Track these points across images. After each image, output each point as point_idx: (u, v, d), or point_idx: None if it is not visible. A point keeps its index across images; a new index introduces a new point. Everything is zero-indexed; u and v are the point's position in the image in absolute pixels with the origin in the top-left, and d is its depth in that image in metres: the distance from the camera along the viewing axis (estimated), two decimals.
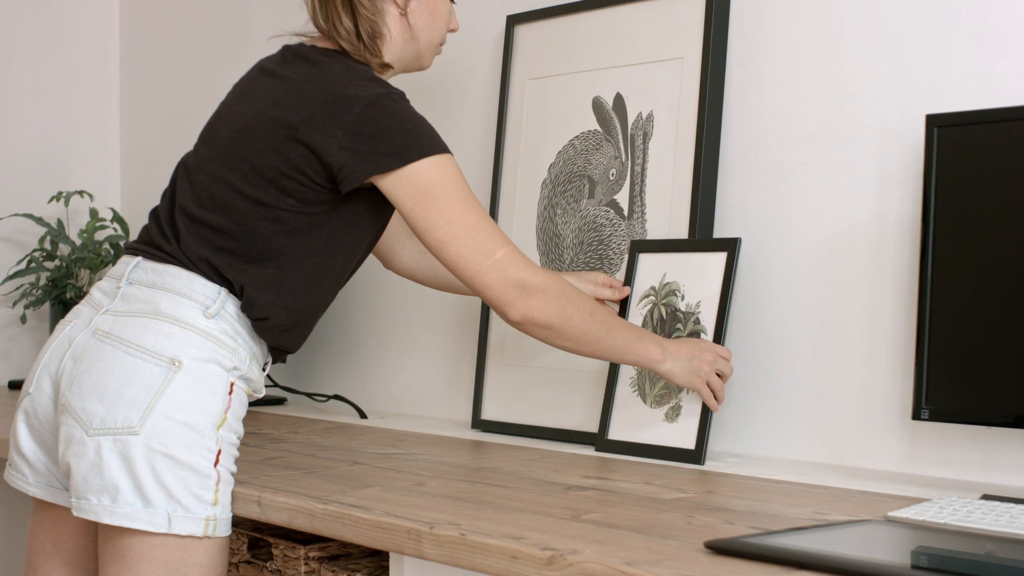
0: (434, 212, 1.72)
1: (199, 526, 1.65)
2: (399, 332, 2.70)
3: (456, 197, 1.73)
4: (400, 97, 1.77)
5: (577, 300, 1.82)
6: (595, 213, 2.25)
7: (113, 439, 1.65)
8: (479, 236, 1.73)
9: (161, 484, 1.64)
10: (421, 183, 1.71)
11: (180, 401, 1.66)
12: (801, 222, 2.03)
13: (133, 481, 1.64)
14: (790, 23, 2.07)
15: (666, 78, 2.17)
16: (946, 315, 1.71)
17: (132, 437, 1.64)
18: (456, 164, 1.77)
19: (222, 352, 1.72)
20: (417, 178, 1.71)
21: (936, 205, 1.72)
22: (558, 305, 1.78)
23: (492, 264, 1.74)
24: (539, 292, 1.76)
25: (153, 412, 1.65)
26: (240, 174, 1.74)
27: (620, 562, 1.25)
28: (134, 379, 1.67)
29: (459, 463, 1.96)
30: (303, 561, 1.89)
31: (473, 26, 2.58)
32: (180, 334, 1.69)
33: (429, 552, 1.43)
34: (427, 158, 1.72)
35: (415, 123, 1.75)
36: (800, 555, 1.24)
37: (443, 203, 1.72)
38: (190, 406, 1.67)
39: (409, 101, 1.79)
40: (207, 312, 1.72)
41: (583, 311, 1.82)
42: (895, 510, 1.51)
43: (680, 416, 1.99)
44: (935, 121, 1.74)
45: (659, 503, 1.60)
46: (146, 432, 1.64)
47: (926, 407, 1.72)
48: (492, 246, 1.74)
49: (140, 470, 1.64)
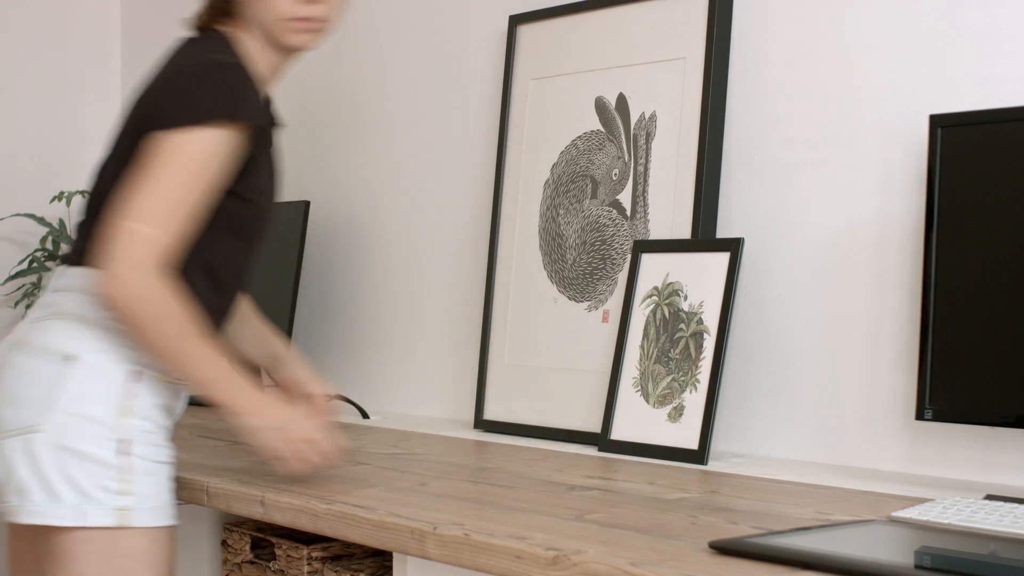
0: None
1: (110, 517, 1.66)
2: (401, 333, 2.70)
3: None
4: None
5: (177, 320, 1.65)
6: (598, 213, 2.25)
7: (21, 439, 1.67)
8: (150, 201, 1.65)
9: (68, 478, 1.66)
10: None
11: (78, 394, 1.68)
12: (804, 222, 2.03)
13: (39, 478, 1.66)
14: (793, 23, 2.07)
15: (669, 78, 2.17)
16: (949, 315, 1.71)
17: (37, 435, 1.66)
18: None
19: (119, 341, 1.70)
20: None
21: (939, 205, 1.72)
22: (152, 309, 1.64)
23: (133, 228, 1.63)
24: (146, 284, 1.63)
25: (54, 409, 1.67)
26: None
27: (624, 562, 1.24)
28: (34, 379, 1.69)
29: (462, 463, 1.96)
30: (306, 561, 1.89)
31: (475, 26, 2.58)
32: (77, 329, 1.70)
33: (433, 552, 1.43)
34: None
35: None
36: (805, 555, 1.24)
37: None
38: (88, 398, 1.68)
39: None
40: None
41: (176, 332, 1.66)
42: (898, 510, 1.51)
43: (683, 416, 1.99)
44: (939, 121, 1.74)
45: (662, 503, 1.60)
46: (50, 428, 1.66)
47: (929, 407, 1.72)
48: (150, 218, 1.64)
49: (46, 467, 1.65)
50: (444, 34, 2.66)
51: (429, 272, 2.65)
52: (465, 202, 2.58)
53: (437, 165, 2.65)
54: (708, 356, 1.98)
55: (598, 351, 2.21)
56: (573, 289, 2.28)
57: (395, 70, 2.76)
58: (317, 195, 2.86)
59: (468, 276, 2.56)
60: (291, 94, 3.01)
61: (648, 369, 2.06)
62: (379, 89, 2.80)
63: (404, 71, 2.74)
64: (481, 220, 2.53)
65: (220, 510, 1.84)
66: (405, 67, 2.74)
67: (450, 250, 2.61)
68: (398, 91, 2.75)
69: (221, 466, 1.89)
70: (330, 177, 2.89)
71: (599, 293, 2.24)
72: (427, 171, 2.68)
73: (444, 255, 2.63)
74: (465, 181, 2.59)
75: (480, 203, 2.54)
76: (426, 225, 2.66)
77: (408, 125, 2.72)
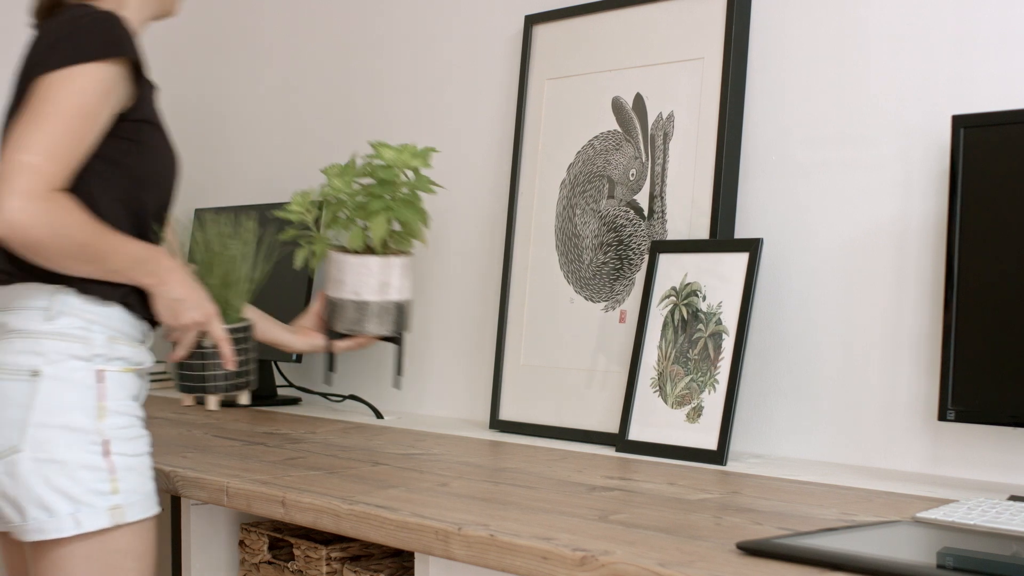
0: None
1: (105, 518, 1.68)
2: (415, 332, 2.69)
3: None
4: None
5: (76, 228, 1.66)
6: (615, 213, 2.25)
7: (3, 463, 1.67)
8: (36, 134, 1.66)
9: (57, 490, 1.66)
10: None
11: (51, 407, 1.68)
12: (823, 222, 2.03)
13: (31, 496, 1.66)
14: (811, 23, 2.06)
15: (687, 78, 2.17)
16: (972, 316, 1.71)
17: (17, 455, 1.67)
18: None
19: (76, 346, 1.71)
20: None
21: (962, 206, 1.72)
22: (48, 230, 1.64)
23: (17, 159, 1.63)
24: (34, 208, 1.62)
25: (29, 425, 1.67)
26: None
27: (653, 563, 1.24)
28: (4, 400, 1.69)
29: (480, 463, 1.96)
30: (325, 561, 1.88)
31: (491, 26, 2.58)
32: (31, 345, 1.71)
33: (457, 553, 1.42)
34: None
35: None
36: (834, 556, 1.23)
37: None
38: (62, 408, 1.68)
39: None
40: (48, 314, 1.72)
41: (81, 239, 1.67)
42: (923, 511, 1.51)
43: (701, 417, 1.98)
44: (961, 122, 1.74)
45: (685, 504, 1.59)
46: (29, 445, 1.67)
47: (952, 408, 1.72)
48: (35, 150, 1.64)
49: (33, 483, 1.66)
50: (460, 34, 2.65)
51: (444, 272, 2.65)
52: (481, 202, 2.58)
53: (453, 165, 2.64)
54: (727, 356, 1.97)
55: (615, 351, 2.21)
56: (590, 289, 2.28)
57: (410, 70, 2.76)
58: None
59: (484, 276, 2.56)
60: (302, 93, 3.02)
61: (666, 370, 2.05)
62: (394, 88, 2.79)
63: (420, 70, 2.74)
64: (497, 220, 2.53)
65: (240, 510, 1.83)
66: (421, 66, 2.74)
67: (465, 249, 2.61)
68: (413, 90, 2.75)
69: (239, 466, 1.89)
70: None
71: (616, 293, 2.23)
72: (442, 171, 2.67)
73: (459, 254, 2.62)
74: (481, 181, 2.58)
75: (496, 203, 2.54)
76: (441, 224, 2.66)
77: (423, 125, 2.72)
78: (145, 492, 1.74)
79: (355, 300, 2.06)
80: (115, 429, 1.71)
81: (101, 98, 1.69)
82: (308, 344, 2.15)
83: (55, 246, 1.66)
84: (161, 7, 1.90)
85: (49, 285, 1.73)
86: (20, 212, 1.61)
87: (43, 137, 1.64)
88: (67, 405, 1.69)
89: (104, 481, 1.68)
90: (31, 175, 1.62)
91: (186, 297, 1.80)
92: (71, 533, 1.66)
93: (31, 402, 1.68)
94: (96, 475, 1.68)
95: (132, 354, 1.77)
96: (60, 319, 1.71)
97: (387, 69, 2.81)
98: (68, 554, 1.68)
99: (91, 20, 1.72)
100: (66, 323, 1.72)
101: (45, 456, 1.66)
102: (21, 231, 1.62)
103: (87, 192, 1.71)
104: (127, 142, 1.76)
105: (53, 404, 1.68)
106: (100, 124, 1.70)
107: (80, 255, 1.69)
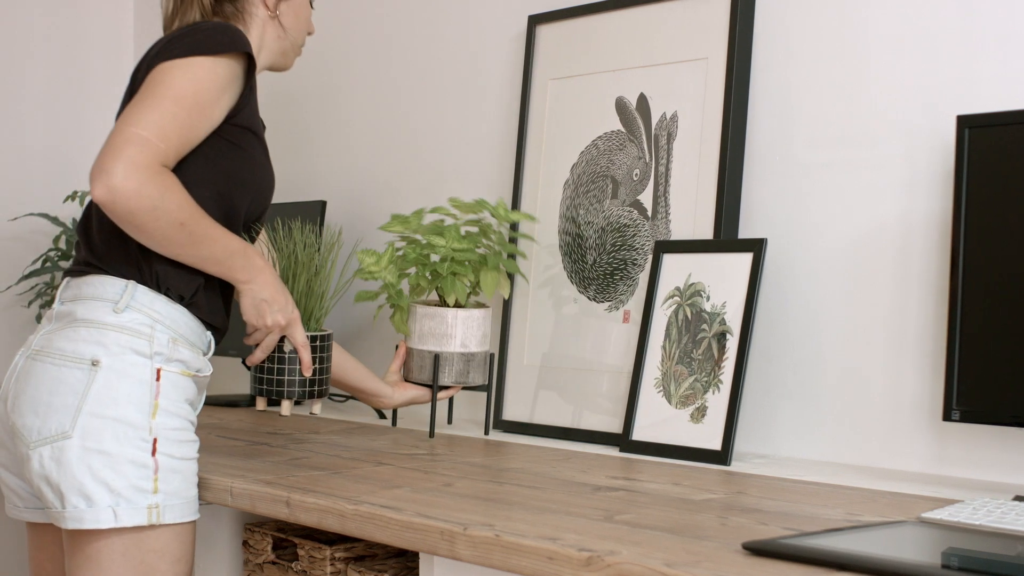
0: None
1: (143, 515, 1.68)
2: None
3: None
4: None
5: (177, 207, 1.68)
6: (618, 213, 2.25)
7: (51, 447, 1.68)
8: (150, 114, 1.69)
9: (101, 481, 1.67)
10: None
11: (106, 398, 1.69)
12: (827, 223, 2.03)
13: (74, 484, 1.67)
14: (815, 23, 2.06)
15: (691, 78, 2.17)
16: (977, 316, 1.71)
17: (66, 442, 1.67)
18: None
19: (139, 342, 1.73)
20: None
21: (967, 206, 1.72)
22: (149, 202, 1.65)
23: (129, 131, 1.66)
24: (140, 178, 1.64)
25: (82, 413, 1.68)
26: None
27: (659, 563, 1.24)
28: (60, 387, 1.70)
29: (484, 464, 1.95)
30: (329, 562, 1.88)
31: (494, 26, 2.58)
32: (95, 335, 1.72)
33: (463, 553, 1.42)
34: None
35: None
36: (840, 557, 1.23)
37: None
38: (116, 401, 1.69)
39: None
40: (116, 307, 1.73)
41: (178, 219, 1.69)
42: (928, 511, 1.51)
43: (706, 417, 1.98)
44: (966, 122, 1.74)
45: (690, 504, 1.59)
46: (79, 434, 1.67)
47: (956, 408, 1.72)
48: (146, 125, 1.67)
49: (78, 471, 1.66)
50: (463, 34, 2.65)
51: None
52: None
53: (456, 165, 2.65)
54: (731, 356, 1.97)
55: (618, 351, 2.21)
56: (593, 289, 2.28)
57: (414, 70, 2.76)
58: (334, 194, 2.86)
59: None
60: (308, 93, 3.01)
61: (670, 370, 2.05)
62: (398, 88, 2.79)
63: (423, 71, 2.74)
64: None
65: (244, 511, 1.83)
66: (424, 67, 2.74)
67: None
68: (417, 90, 2.75)
69: (243, 466, 1.89)
70: (347, 177, 2.88)
71: (620, 293, 2.23)
72: (446, 171, 2.68)
73: None
74: (484, 181, 2.58)
75: None
76: None
77: (427, 124, 2.72)
78: (186, 497, 1.74)
79: (463, 352, 2.16)
80: (165, 429, 1.72)
81: (216, 92, 1.73)
82: (406, 398, 2.22)
83: (153, 219, 1.66)
84: (282, 60, 2.00)
85: (121, 280, 1.75)
86: (124, 179, 1.62)
87: (156, 117, 1.67)
88: (122, 398, 1.69)
89: (147, 479, 1.68)
90: (141, 146, 1.65)
91: (273, 299, 1.83)
92: (108, 526, 1.66)
93: (86, 391, 1.68)
94: (140, 471, 1.68)
95: (192, 359, 1.78)
96: (127, 313, 1.73)
97: (390, 69, 2.81)
98: (105, 548, 1.68)
99: (213, 25, 1.78)
100: (132, 318, 1.73)
101: (93, 446, 1.67)
102: (124, 199, 1.63)
103: (183, 183, 1.72)
104: (229, 144, 1.79)
105: (108, 395, 1.69)
106: (211, 118, 1.74)
107: (176, 235, 1.70)
